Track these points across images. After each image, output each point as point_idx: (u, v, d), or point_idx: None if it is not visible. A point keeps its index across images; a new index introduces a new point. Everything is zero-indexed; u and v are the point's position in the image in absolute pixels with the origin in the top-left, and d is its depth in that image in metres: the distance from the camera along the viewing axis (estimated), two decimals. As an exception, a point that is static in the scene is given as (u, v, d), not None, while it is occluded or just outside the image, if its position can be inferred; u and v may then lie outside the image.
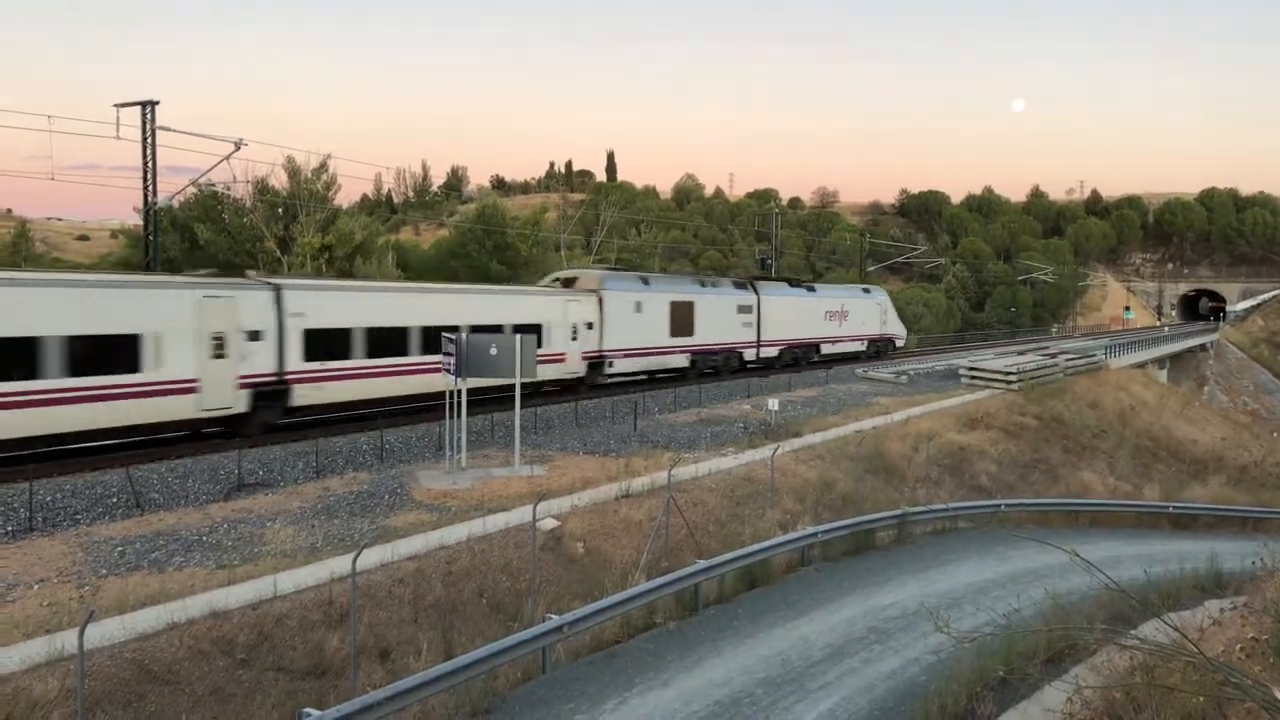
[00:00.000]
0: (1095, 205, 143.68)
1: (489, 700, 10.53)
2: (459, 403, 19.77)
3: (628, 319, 33.35)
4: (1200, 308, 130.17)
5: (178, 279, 21.75)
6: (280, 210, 47.88)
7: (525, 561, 14.60)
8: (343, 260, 48.72)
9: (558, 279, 35.36)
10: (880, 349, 52.20)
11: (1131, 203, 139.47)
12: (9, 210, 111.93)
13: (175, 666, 10.60)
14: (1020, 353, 49.84)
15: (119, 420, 18.98)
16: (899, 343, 55.68)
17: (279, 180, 49.75)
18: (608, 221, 79.07)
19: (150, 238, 33.88)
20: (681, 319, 35.90)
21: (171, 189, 36.84)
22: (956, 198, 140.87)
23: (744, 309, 40.04)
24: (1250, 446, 44.06)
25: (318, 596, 12.47)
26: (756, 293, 41.28)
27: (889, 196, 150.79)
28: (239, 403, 21.08)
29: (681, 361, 36.41)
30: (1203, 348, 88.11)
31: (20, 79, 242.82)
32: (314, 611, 12.19)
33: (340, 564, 12.94)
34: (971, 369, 40.31)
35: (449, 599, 13.53)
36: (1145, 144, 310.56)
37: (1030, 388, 37.83)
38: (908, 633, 13.55)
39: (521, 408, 21.02)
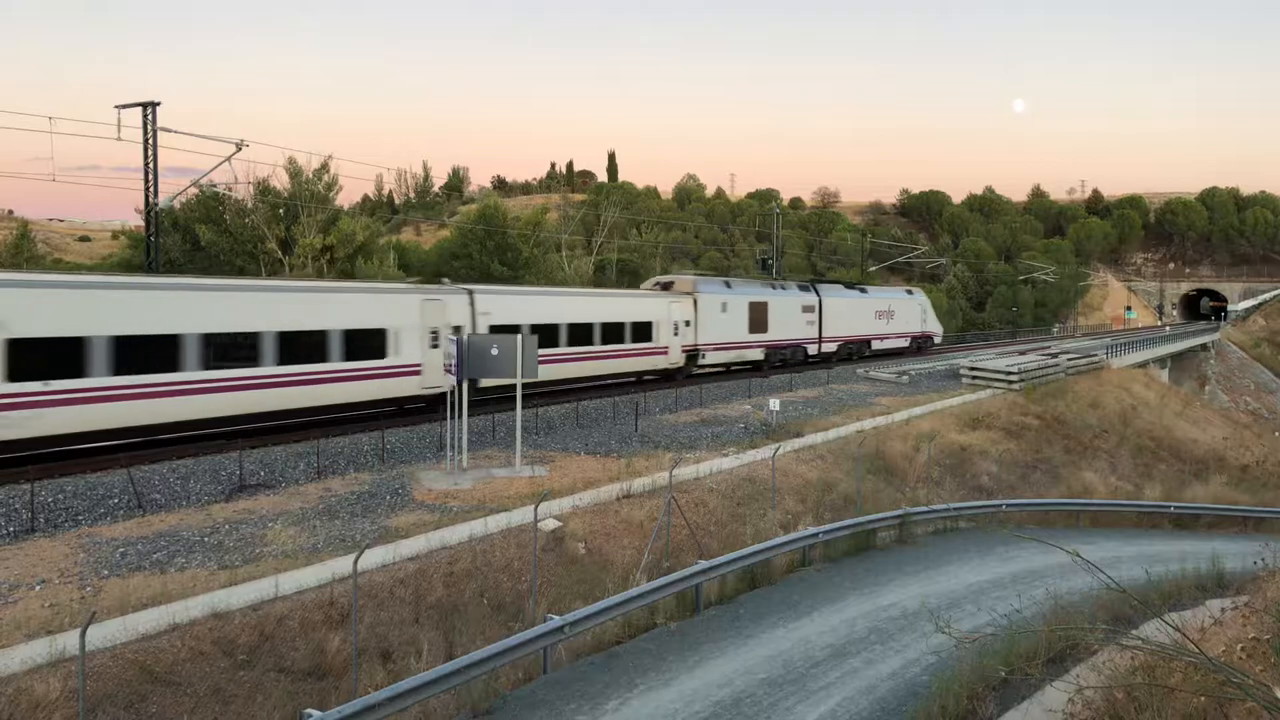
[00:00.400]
0: (1096, 205, 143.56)
1: (490, 700, 10.53)
2: (459, 403, 19.79)
3: (716, 317, 37.67)
4: (1201, 307, 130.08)
5: (405, 286, 26.79)
6: (281, 211, 47.92)
7: (526, 562, 14.61)
8: (344, 261, 48.78)
9: (657, 283, 39.14)
10: (921, 345, 56.25)
11: (1132, 202, 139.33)
12: (10, 211, 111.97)
13: (177, 667, 10.61)
14: (1021, 353, 49.86)
15: (373, 395, 23.89)
16: (936, 339, 59.64)
17: (280, 181, 49.88)
18: (609, 222, 79.08)
19: (152, 239, 33.90)
20: (757, 317, 40.34)
21: (173, 190, 36.88)
22: (957, 197, 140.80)
23: (808, 309, 44.26)
24: (1251, 446, 44.03)
25: (319, 597, 12.48)
26: (818, 294, 45.41)
27: (890, 196, 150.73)
28: (447, 383, 23.32)
29: (757, 355, 40.83)
30: (1204, 347, 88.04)
31: (21, 80, 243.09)
32: (315, 612, 12.20)
33: (342, 565, 12.95)
34: (973, 369, 40.30)
35: (450, 599, 13.54)
36: (1146, 143, 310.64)
37: (1031, 388, 37.83)
38: (909, 633, 13.55)
39: (628, 393, 22.53)
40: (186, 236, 48.02)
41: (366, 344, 23.44)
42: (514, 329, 26.21)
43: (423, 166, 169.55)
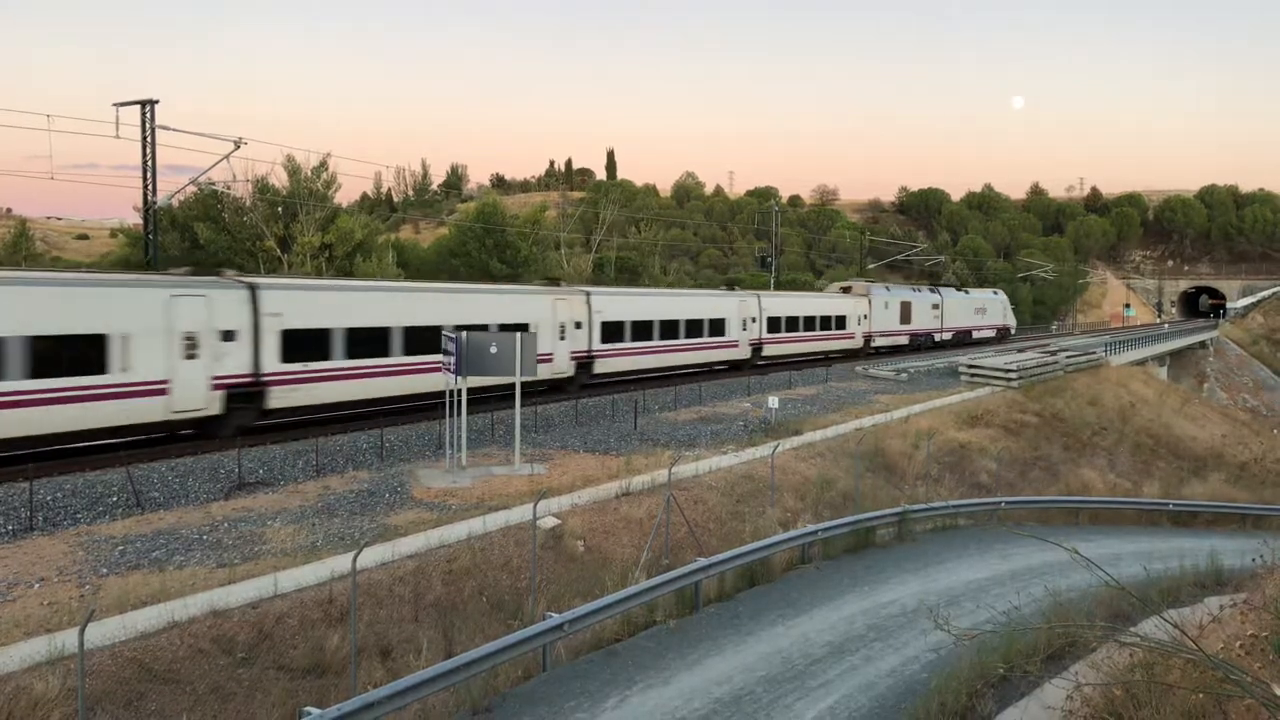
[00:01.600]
0: (1095, 202, 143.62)
1: (489, 698, 10.53)
2: (459, 401, 19.78)
3: (880, 313, 51.85)
4: (1200, 305, 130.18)
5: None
6: (280, 209, 47.86)
7: (525, 560, 14.60)
8: (342, 259, 48.73)
9: (842, 287, 53.76)
10: (1003, 335, 69.25)
11: (1131, 200, 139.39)
12: (9, 210, 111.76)
13: (176, 665, 10.61)
14: (1020, 350, 49.88)
15: (699, 360, 32.45)
16: (1012, 330, 72.89)
17: (279, 179, 49.83)
18: (607, 219, 79.05)
19: (150, 237, 33.89)
20: (904, 313, 54.64)
21: (171, 188, 36.88)
22: (956, 195, 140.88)
23: (935, 306, 58.87)
24: (1250, 443, 44.08)
25: (318, 595, 12.48)
26: (941, 296, 60.55)
27: (889, 194, 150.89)
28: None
29: (904, 341, 54.77)
30: (1202, 345, 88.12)
31: (20, 78, 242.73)
32: (314, 610, 12.20)
33: (341, 563, 12.94)
34: (971, 366, 40.31)
35: (449, 597, 13.54)
36: (1145, 141, 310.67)
37: (1030, 385, 37.85)
38: (908, 630, 13.56)
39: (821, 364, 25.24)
40: (185, 234, 47.95)
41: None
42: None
43: (421, 164, 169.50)
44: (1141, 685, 8.23)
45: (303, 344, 22.09)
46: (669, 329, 34.94)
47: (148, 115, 32.09)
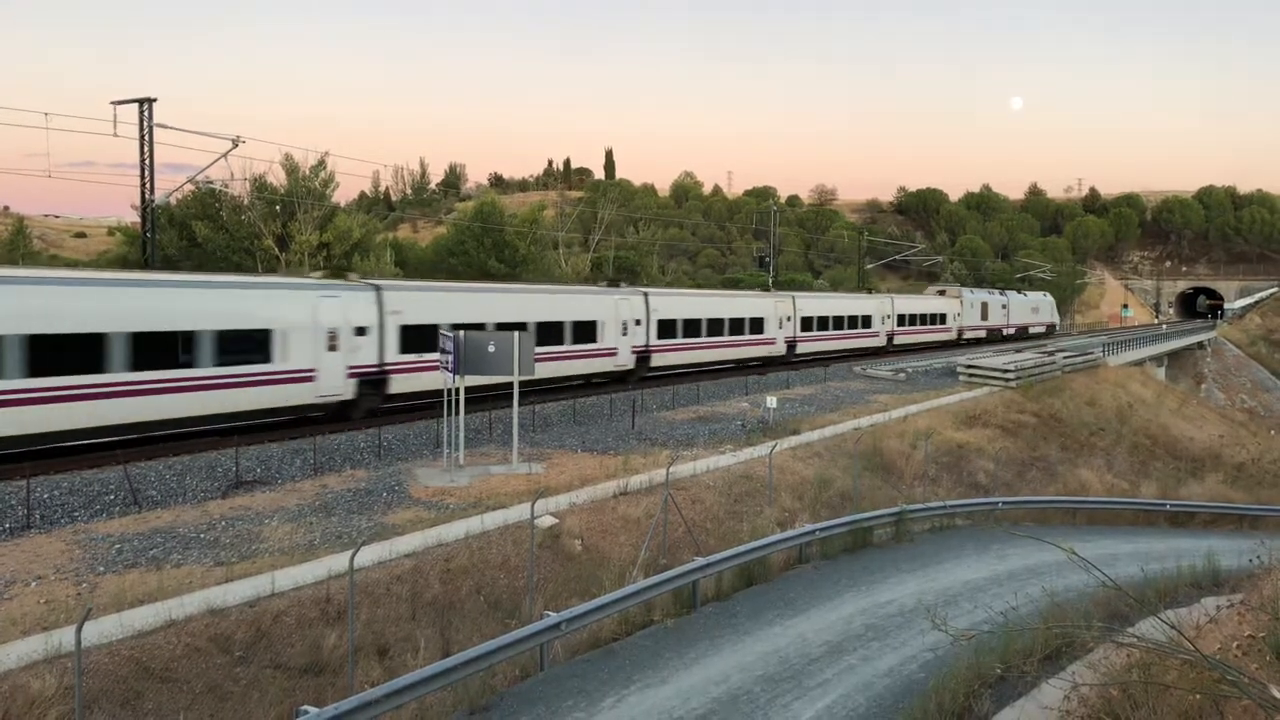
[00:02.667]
0: (1093, 203, 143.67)
1: (487, 697, 10.52)
2: (457, 400, 19.77)
3: (967, 309, 64.68)
4: (1198, 305, 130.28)
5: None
6: (278, 208, 47.78)
7: (523, 559, 14.59)
8: (340, 258, 48.64)
9: (939, 291, 67.48)
10: (1049, 330, 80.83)
11: (1129, 201, 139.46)
12: (6, 208, 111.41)
13: (173, 664, 10.59)
14: (1018, 350, 49.91)
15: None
16: (1057, 327, 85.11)
17: (277, 178, 49.66)
18: (606, 219, 78.99)
19: (148, 235, 33.83)
20: (983, 311, 67.23)
21: (169, 186, 36.68)
22: (955, 195, 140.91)
23: (1004, 305, 71.16)
24: (1247, 444, 44.12)
25: (315, 594, 12.46)
26: (1007, 296, 73.11)
27: (887, 194, 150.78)
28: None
29: (982, 334, 67.08)
30: (1200, 345, 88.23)
31: (17, 76, 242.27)
32: (312, 609, 12.19)
33: (338, 561, 12.94)
34: (969, 366, 40.34)
35: (447, 596, 13.53)
36: (1143, 142, 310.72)
37: (1028, 385, 37.87)
38: (905, 630, 13.56)
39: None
40: (183, 233, 47.81)
41: (587, 332, 31.31)
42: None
43: (420, 164, 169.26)
44: (1138, 686, 8.24)
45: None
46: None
47: (145, 113, 32.02)
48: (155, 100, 32.21)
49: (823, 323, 46.57)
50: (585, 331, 31.11)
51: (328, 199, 50.99)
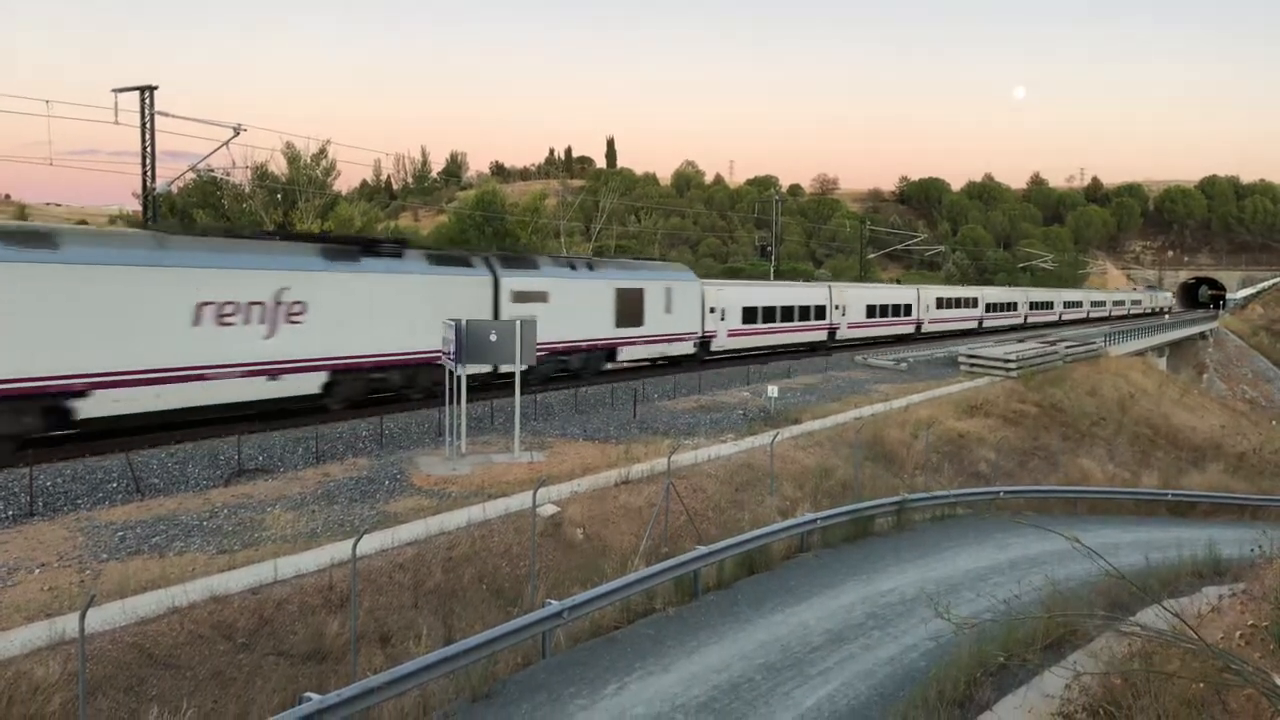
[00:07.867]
0: (1095, 193, 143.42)
1: (489, 685, 10.55)
2: (459, 388, 19.75)
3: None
4: (1200, 295, 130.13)
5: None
6: (279, 196, 47.72)
7: (525, 547, 14.61)
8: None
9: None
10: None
11: (1132, 190, 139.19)
12: (8, 196, 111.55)
13: (176, 650, 10.62)
14: (1020, 340, 49.86)
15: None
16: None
17: (278, 166, 49.60)
18: (607, 208, 78.85)
19: (149, 223, 33.75)
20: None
21: (170, 174, 36.64)
22: (957, 185, 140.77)
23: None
24: (1248, 434, 44.11)
25: (318, 581, 12.48)
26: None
27: (889, 184, 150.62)
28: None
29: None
30: (1202, 335, 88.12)
31: (19, 64, 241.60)
32: (314, 596, 12.21)
33: (340, 549, 12.96)
34: (970, 356, 40.30)
35: (449, 584, 13.55)
36: (1146, 131, 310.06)
37: (1029, 375, 37.84)
38: (907, 619, 13.57)
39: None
40: (184, 221, 47.81)
41: (805, 312, 45.56)
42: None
43: (421, 152, 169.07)
44: (1141, 674, 8.26)
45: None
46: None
47: (147, 101, 31.92)
48: (157, 88, 32.10)
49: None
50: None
51: (329, 187, 50.92)
